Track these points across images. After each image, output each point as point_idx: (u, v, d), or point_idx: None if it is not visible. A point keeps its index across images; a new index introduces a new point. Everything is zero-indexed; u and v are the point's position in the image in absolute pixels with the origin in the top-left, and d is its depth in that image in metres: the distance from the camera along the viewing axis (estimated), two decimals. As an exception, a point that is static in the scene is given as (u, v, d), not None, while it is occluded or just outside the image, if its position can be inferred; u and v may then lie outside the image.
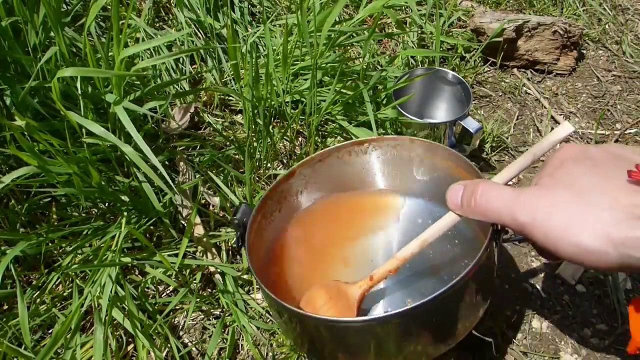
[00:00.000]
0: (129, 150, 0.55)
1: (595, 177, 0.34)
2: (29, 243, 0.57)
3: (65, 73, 0.53)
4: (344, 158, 0.59)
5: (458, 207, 0.42)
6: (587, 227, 0.32)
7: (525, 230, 0.36)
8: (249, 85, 0.69)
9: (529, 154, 0.42)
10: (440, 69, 0.77)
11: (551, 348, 0.57)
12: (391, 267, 0.46)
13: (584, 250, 0.32)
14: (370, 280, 0.47)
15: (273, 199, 0.56)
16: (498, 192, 0.38)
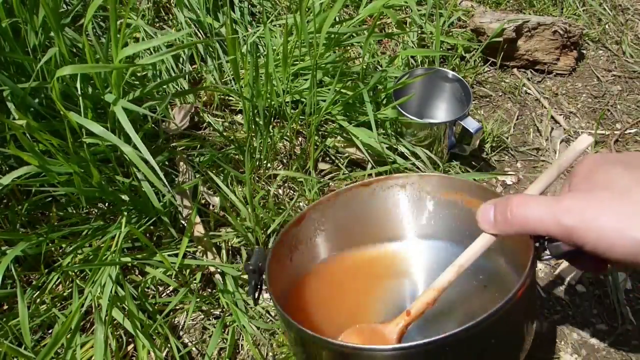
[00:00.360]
0: (128, 150, 0.55)
1: (633, 175, 0.35)
2: (29, 243, 0.57)
3: (64, 72, 0.53)
4: (352, 201, 0.56)
5: (492, 226, 0.40)
6: (638, 222, 0.32)
7: (574, 233, 0.35)
8: (249, 85, 0.69)
9: (554, 167, 0.41)
10: (440, 69, 0.77)
11: (551, 348, 0.57)
12: (429, 299, 0.42)
13: (638, 244, 0.32)
14: (408, 316, 0.42)
15: (285, 245, 0.53)
16: (536, 201, 0.37)
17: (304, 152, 0.74)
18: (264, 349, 0.58)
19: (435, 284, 0.42)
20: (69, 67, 0.53)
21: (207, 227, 0.66)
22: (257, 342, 0.58)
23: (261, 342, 0.58)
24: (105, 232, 0.62)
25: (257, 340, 0.58)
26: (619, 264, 0.37)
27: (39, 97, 0.63)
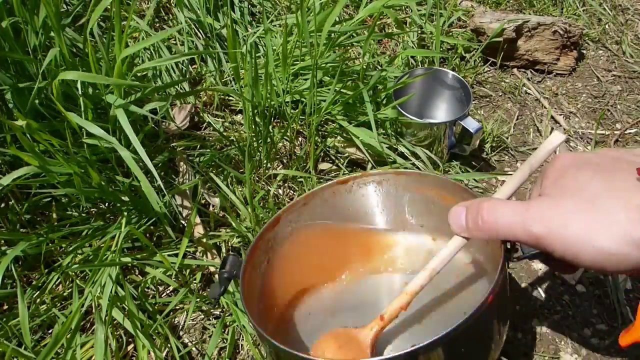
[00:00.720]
0: (125, 154, 0.55)
1: (602, 182, 0.34)
2: (29, 243, 0.57)
3: (66, 76, 0.53)
4: (329, 199, 0.56)
5: (463, 230, 0.40)
6: (606, 231, 0.32)
7: (542, 242, 0.35)
8: (249, 85, 0.69)
9: (525, 167, 0.41)
10: (440, 69, 0.77)
11: (551, 348, 0.57)
12: (402, 303, 0.43)
13: (606, 253, 0.32)
14: (382, 320, 0.44)
15: (261, 249, 0.52)
16: (506, 208, 0.37)
17: (304, 153, 0.74)
18: (264, 349, 0.58)
19: (408, 288, 0.42)
20: (71, 73, 0.53)
21: (207, 227, 0.66)
22: (257, 342, 0.58)
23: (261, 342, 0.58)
24: (105, 232, 0.62)
25: (257, 340, 0.58)
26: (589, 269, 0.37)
27: (39, 97, 0.63)
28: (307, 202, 0.55)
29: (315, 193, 0.56)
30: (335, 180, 0.56)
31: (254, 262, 0.51)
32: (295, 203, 0.55)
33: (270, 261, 0.53)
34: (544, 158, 0.41)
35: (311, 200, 0.56)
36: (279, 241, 0.54)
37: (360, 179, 0.57)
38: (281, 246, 0.54)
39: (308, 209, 0.56)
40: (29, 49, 0.62)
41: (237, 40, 0.75)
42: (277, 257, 0.54)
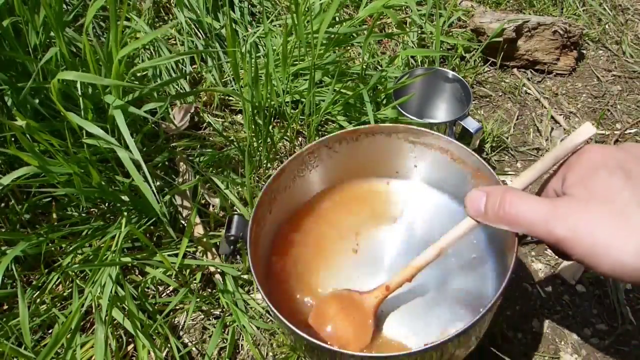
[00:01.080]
0: (123, 155, 0.55)
1: (633, 192, 0.34)
2: (29, 243, 0.57)
3: (65, 76, 0.53)
4: (335, 148, 0.56)
5: (480, 215, 0.40)
6: (630, 246, 0.32)
7: (563, 244, 0.35)
8: (249, 86, 0.69)
9: (550, 157, 0.40)
10: (440, 69, 0.77)
11: (551, 348, 0.57)
12: (407, 276, 0.45)
13: (627, 267, 0.33)
14: (387, 290, 0.46)
15: (265, 204, 0.52)
16: (530, 204, 0.37)
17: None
18: (264, 349, 0.58)
19: (414, 262, 0.44)
20: (70, 74, 0.53)
21: (207, 227, 0.66)
22: (257, 342, 0.58)
23: (261, 342, 0.58)
24: (105, 232, 0.62)
25: (257, 340, 0.58)
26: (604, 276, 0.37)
27: (39, 97, 0.63)
28: (312, 151, 0.55)
29: (320, 144, 0.55)
30: (343, 131, 0.56)
31: (258, 219, 0.51)
32: (300, 153, 0.54)
33: (273, 212, 0.54)
34: (570, 150, 0.40)
35: (317, 149, 0.55)
36: (280, 190, 0.54)
37: (369, 130, 0.56)
38: (283, 193, 0.55)
39: (312, 158, 0.56)
40: (29, 49, 0.62)
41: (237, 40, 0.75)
42: (280, 205, 0.55)
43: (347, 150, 0.57)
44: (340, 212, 0.58)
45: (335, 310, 0.48)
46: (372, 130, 0.56)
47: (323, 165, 0.57)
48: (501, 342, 0.57)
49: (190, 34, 0.86)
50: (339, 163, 0.58)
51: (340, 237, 0.56)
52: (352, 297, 0.48)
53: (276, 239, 0.55)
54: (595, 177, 0.36)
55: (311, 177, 0.57)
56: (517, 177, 0.41)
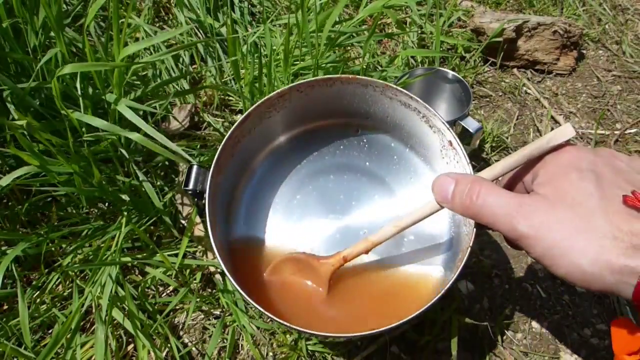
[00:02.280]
0: (136, 136, 0.54)
1: (600, 200, 0.34)
2: (29, 243, 0.57)
3: (64, 70, 0.53)
4: (305, 92, 0.54)
5: (447, 201, 0.40)
6: (589, 252, 0.32)
7: (524, 240, 0.35)
8: (249, 85, 0.69)
9: (524, 153, 0.40)
10: (440, 69, 0.77)
11: (551, 348, 0.57)
12: (364, 249, 0.47)
13: (582, 272, 0.33)
14: (343, 260, 0.48)
15: (228, 149, 0.50)
16: (498, 197, 0.37)
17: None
18: (264, 349, 0.58)
19: (373, 237, 0.46)
20: (69, 66, 0.53)
21: (207, 227, 0.66)
22: (257, 342, 0.58)
23: (261, 342, 0.58)
24: (105, 232, 0.62)
25: (257, 340, 0.58)
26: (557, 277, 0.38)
27: (39, 97, 0.63)
28: (282, 95, 0.53)
29: (293, 86, 0.53)
30: (319, 78, 0.54)
31: (220, 166, 0.49)
32: (269, 98, 0.52)
33: (235, 156, 0.53)
34: (546, 150, 0.39)
35: (287, 93, 0.53)
36: (245, 134, 0.53)
37: (346, 79, 0.54)
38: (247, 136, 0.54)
39: (282, 101, 0.54)
40: (29, 49, 0.62)
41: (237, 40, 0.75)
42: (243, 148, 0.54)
43: (318, 94, 0.55)
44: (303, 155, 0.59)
45: (292, 270, 0.50)
46: (349, 79, 0.54)
47: (291, 107, 0.55)
48: (501, 342, 0.57)
49: (190, 34, 0.86)
50: (308, 105, 0.56)
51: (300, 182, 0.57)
52: (310, 262, 0.50)
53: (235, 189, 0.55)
54: (566, 178, 0.36)
55: (277, 118, 0.56)
56: (487, 168, 0.41)
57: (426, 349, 0.57)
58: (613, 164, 0.36)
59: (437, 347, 0.57)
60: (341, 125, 0.59)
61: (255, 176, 0.58)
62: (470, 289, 0.62)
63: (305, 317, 0.48)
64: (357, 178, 0.58)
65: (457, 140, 0.51)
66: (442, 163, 0.55)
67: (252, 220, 0.55)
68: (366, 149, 0.59)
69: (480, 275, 0.64)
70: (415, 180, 0.58)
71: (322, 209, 0.56)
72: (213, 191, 0.47)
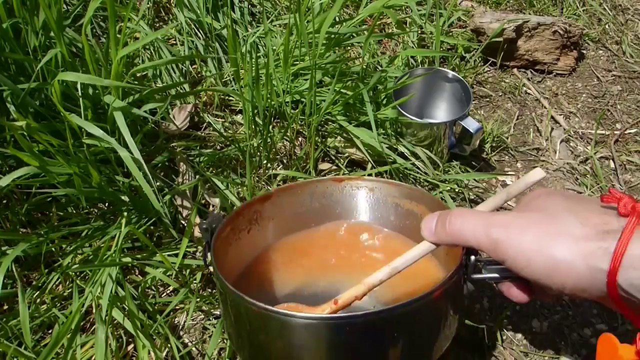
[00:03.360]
0: (125, 155, 0.55)
1: (568, 204, 0.36)
2: (29, 243, 0.57)
3: (65, 77, 0.53)
4: (322, 193, 0.60)
5: (432, 234, 0.42)
6: (559, 241, 0.34)
7: (498, 246, 0.37)
8: (249, 86, 0.69)
9: (503, 193, 0.43)
10: (440, 69, 0.77)
11: (551, 348, 0.57)
12: (357, 293, 0.44)
13: (555, 262, 0.33)
14: (335, 304, 0.45)
15: (245, 217, 0.55)
16: (472, 214, 0.41)
17: (304, 153, 0.74)
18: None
19: (367, 280, 0.44)
20: (71, 75, 0.54)
21: (207, 227, 0.66)
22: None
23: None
24: (105, 232, 0.62)
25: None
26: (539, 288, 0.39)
27: (39, 98, 0.63)
28: (302, 189, 0.59)
29: (311, 183, 0.59)
30: (331, 177, 0.59)
31: (235, 226, 0.54)
32: (291, 186, 0.58)
33: (251, 233, 0.56)
34: (522, 189, 0.43)
35: (306, 188, 0.59)
36: (264, 217, 0.57)
37: (354, 182, 0.59)
38: (266, 222, 0.57)
39: (301, 195, 0.59)
40: (29, 50, 0.62)
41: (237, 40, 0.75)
42: (260, 234, 0.57)
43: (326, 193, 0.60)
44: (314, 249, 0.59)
45: None
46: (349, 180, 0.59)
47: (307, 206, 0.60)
48: (501, 342, 0.57)
49: (190, 34, 0.86)
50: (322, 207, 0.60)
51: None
52: (300, 310, 0.47)
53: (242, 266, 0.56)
54: (538, 199, 0.40)
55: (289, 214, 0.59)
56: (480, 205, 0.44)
57: (426, 349, 0.57)
58: (579, 195, 0.41)
59: (437, 347, 0.57)
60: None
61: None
62: (471, 289, 0.62)
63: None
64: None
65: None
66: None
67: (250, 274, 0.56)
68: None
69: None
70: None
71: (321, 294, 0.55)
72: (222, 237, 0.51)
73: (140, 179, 0.56)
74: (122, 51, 0.57)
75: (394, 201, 0.58)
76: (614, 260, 0.31)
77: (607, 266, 0.31)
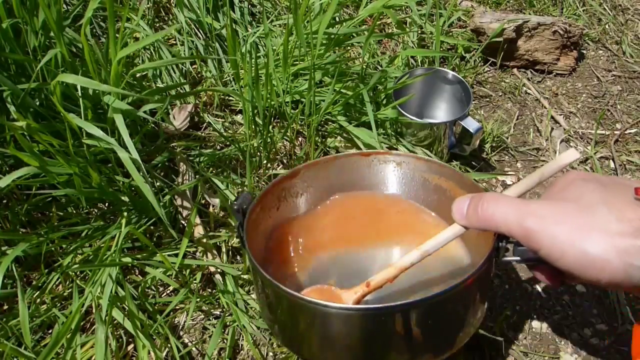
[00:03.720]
0: (124, 156, 0.55)
1: (603, 194, 0.36)
2: (29, 243, 0.57)
3: (65, 78, 0.53)
4: (348, 167, 0.59)
5: (463, 217, 0.42)
6: (595, 236, 0.33)
7: (532, 236, 0.36)
8: (249, 86, 0.69)
9: (536, 174, 0.43)
10: (440, 69, 0.77)
11: (551, 348, 0.57)
12: (389, 276, 0.45)
13: (590, 256, 0.33)
14: (367, 287, 0.45)
15: (274, 195, 0.55)
16: (506, 200, 0.40)
17: (304, 153, 0.74)
18: (264, 349, 0.58)
19: (398, 263, 0.45)
20: (70, 77, 0.54)
21: (207, 227, 0.66)
22: (257, 342, 0.58)
23: (261, 342, 0.58)
24: (105, 232, 0.62)
25: (257, 340, 0.58)
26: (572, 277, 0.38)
27: (39, 98, 0.63)
28: (327, 163, 0.58)
29: (337, 157, 0.58)
30: (358, 152, 0.58)
31: (264, 204, 0.54)
32: (317, 162, 0.57)
33: (280, 209, 0.56)
34: (556, 171, 0.42)
35: (332, 163, 0.58)
36: (292, 193, 0.57)
37: (382, 156, 0.58)
38: (294, 199, 0.57)
39: (327, 169, 0.58)
40: (29, 50, 0.62)
41: (237, 40, 0.75)
42: (288, 209, 0.57)
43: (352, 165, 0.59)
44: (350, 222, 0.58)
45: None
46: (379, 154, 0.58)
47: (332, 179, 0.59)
48: (501, 342, 0.57)
49: (190, 34, 0.86)
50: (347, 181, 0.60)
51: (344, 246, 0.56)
52: (332, 292, 0.48)
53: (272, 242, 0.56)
54: (572, 185, 0.39)
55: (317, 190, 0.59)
56: (505, 191, 0.44)
57: (426, 349, 0.57)
58: (614, 178, 0.38)
59: (437, 347, 0.57)
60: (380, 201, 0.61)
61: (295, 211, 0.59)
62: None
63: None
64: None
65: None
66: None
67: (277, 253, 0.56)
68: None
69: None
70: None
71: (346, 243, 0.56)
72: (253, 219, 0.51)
73: (139, 180, 0.56)
74: (121, 52, 0.57)
75: (422, 175, 0.58)
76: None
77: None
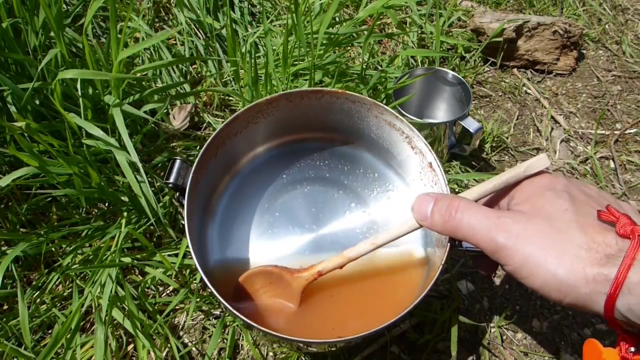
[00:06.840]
0: (121, 158, 0.56)
1: (574, 215, 0.35)
2: (29, 243, 0.57)
3: (66, 75, 0.53)
4: (294, 101, 0.55)
5: (425, 219, 0.41)
6: (566, 262, 0.33)
7: (502, 252, 0.36)
8: (249, 86, 0.69)
9: (501, 179, 0.41)
10: (440, 69, 0.77)
11: (551, 348, 0.57)
12: (338, 264, 0.46)
13: (559, 282, 0.33)
14: (317, 275, 0.47)
15: (212, 148, 0.50)
16: (476, 212, 0.38)
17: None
18: (264, 349, 0.58)
19: (349, 252, 0.45)
20: (71, 72, 0.53)
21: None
22: (257, 342, 0.58)
23: (261, 342, 0.58)
24: (105, 233, 0.62)
25: (257, 340, 0.58)
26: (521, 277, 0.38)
27: (39, 97, 0.63)
28: (270, 102, 0.53)
29: (283, 94, 0.54)
30: (308, 89, 0.54)
31: (202, 165, 0.49)
32: (257, 103, 0.53)
33: (218, 156, 0.53)
34: (522, 178, 0.41)
35: (275, 101, 0.54)
36: (230, 136, 0.53)
37: (335, 93, 0.54)
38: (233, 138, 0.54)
39: (270, 107, 0.54)
40: (29, 50, 0.62)
41: (237, 40, 0.75)
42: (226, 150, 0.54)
43: (307, 105, 0.55)
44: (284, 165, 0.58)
45: (261, 284, 0.49)
46: (337, 94, 0.54)
47: (278, 116, 0.55)
48: (501, 342, 0.57)
49: (191, 34, 0.86)
50: (295, 116, 0.56)
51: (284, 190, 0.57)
52: (282, 275, 0.48)
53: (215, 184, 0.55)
54: (542, 196, 0.37)
55: (263, 125, 0.56)
56: (465, 191, 0.42)
57: (426, 349, 0.57)
58: (584, 189, 0.38)
59: (437, 347, 0.57)
60: (325, 139, 0.59)
61: (235, 180, 0.57)
62: (470, 289, 0.63)
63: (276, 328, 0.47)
64: (335, 192, 0.58)
65: (437, 162, 0.51)
66: (419, 184, 0.54)
67: (226, 227, 0.55)
68: (347, 165, 0.59)
69: (480, 276, 0.64)
70: (392, 199, 0.57)
71: (296, 221, 0.56)
72: (193, 188, 0.48)
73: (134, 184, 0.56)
74: (123, 53, 0.57)
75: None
76: (614, 287, 0.31)
77: (607, 290, 0.32)
